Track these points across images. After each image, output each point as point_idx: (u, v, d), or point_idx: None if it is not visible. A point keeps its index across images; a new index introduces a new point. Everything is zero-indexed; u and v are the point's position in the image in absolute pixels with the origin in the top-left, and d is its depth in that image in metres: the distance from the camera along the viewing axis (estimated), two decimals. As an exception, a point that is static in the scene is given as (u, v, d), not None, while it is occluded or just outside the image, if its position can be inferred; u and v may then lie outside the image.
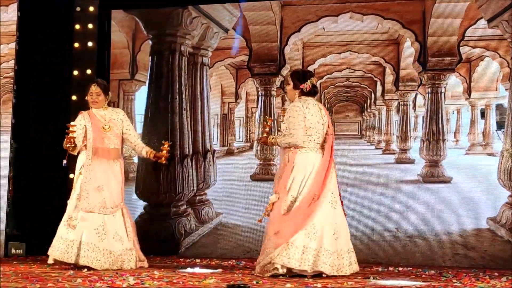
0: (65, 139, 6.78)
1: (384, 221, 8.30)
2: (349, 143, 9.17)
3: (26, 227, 8.39)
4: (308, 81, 6.44)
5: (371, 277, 6.24)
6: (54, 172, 8.45)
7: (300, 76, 6.50)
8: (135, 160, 8.96)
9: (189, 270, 6.61)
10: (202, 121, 8.97)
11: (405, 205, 8.37)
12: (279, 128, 6.63)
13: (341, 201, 6.45)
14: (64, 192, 8.49)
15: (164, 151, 6.98)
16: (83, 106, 8.63)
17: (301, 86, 6.44)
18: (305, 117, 6.33)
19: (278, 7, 8.82)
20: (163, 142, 7.07)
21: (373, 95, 9.11)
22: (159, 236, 8.42)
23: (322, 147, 6.45)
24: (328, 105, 9.23)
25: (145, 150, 7.09)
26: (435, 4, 8.33)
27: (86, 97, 7.15)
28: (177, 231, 8.57)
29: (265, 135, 6.64)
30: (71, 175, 8.44)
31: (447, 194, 8.34)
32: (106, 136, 6.98)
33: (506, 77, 8.22)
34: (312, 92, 6.49)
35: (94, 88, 7.06)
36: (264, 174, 8.83)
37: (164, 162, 7.05)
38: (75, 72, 8.69)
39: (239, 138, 9.45)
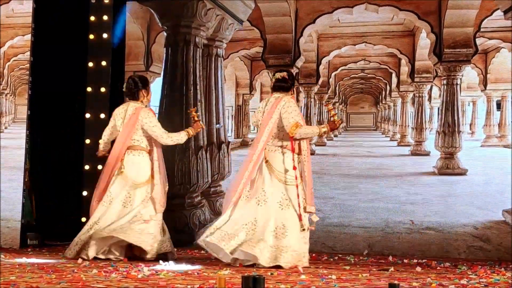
0: None
1: (399, 213, 8.29)
2: (364, 135, 9.15)
3: (42, 218, 8.44)
4: (273, 77, 6.56)
5: (388, 270, 6.23)
6: (70, 163, 8.50)
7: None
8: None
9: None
10: (217, 113, 8.98)
11: (420, 197, 8.35)
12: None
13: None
14: (79, 183, 8.54)
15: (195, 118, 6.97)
16: (98, 97, 8.69)
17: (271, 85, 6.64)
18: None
19: (292, -2, 8.80)
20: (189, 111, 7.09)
21: (388, 87, 9.08)
22: (174, 228, 8.44)
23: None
24: (343, 97, 9.22)
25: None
26: (451, -5, 8.30)
27: None
28: (192, 222, 8.60)
29: None
30: (86, 166, 8.49)
31: (462, 186, 8.31)
32: None
33: (523, 69, 8.18)
34: (276, 87, 6.53)
35: None
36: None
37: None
38: (90, 64, 8.72)
39: (254, 130, 9.45)
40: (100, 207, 6.79)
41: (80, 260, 6.36)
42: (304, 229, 6.27)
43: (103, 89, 8.72)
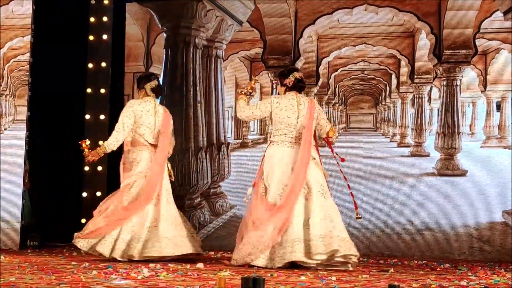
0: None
1: (398, 214, 8.29)
2: (364, 136, 9.14)
3: (42, 219, 8.43)
4: (291, 75, 6.52)
5: (388, 271, 6.23)
6: (69, 164, 8.49)
7: (285, 73, 6.59)
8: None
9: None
10: (216, 114, 8.98)
11: (420, 198, 8.35)
12: None
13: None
14: (79, 184, 8.55)
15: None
16: (98, 98, 8.69)
17: (284, 82, 6.54)
18: (272, 111, 6.49)
19: (292, -1, 8.80)
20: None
21: (388, 88, 9.08)
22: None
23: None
24: (343, 98, 9.21)
25: None
26: (451, -4, 8.30)
27: None
28: (192, 223, 8.58)
29: None
30: (86, 168, 8.49)
31: (462, 187, 8.31)
32: None
33: (523, 70, 8.18)
34: (298, 87, 6.54)
35: None
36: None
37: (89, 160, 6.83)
38: (90, 65, 8.72)
39: (254, 131, 9.45)
40: (150, 207, 6.71)
41: (73, 263, 6.36)
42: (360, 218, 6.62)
43: (102, 90, 8.73)
